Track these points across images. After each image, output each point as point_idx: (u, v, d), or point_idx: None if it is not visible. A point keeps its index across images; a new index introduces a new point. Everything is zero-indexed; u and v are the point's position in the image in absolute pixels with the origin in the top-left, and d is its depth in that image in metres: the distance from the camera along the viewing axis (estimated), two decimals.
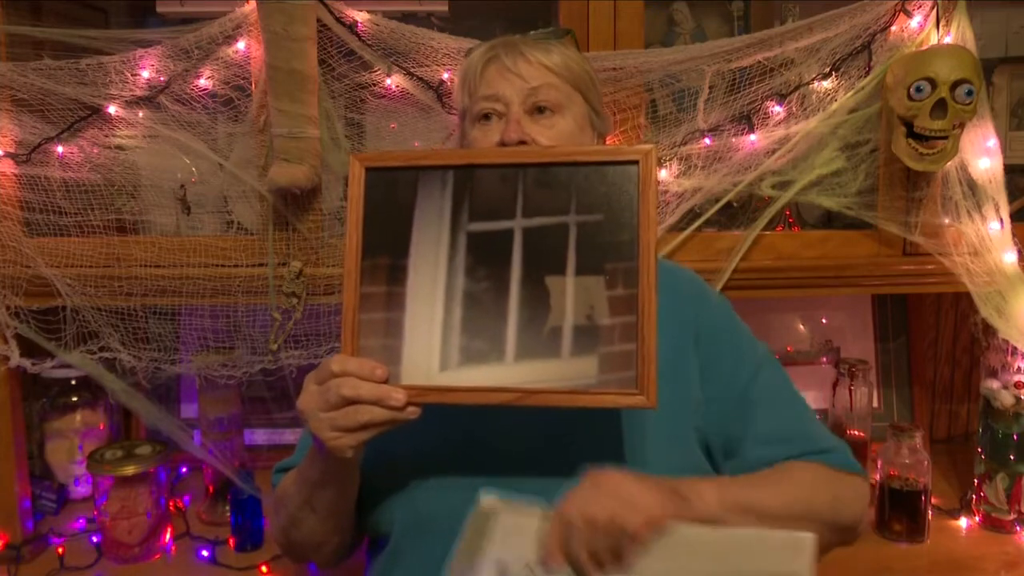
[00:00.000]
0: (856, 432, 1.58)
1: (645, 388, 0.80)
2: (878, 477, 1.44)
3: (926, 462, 1.41)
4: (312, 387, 0.83)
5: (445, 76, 1.30)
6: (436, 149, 1.33)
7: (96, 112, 1.30)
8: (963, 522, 1.46)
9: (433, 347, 0.83)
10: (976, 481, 1.47)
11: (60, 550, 1.38)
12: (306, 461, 0.95)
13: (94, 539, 1.42)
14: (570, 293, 0.82)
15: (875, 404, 1.71)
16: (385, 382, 0.82)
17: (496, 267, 0.84)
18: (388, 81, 1.31)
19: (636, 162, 0.83)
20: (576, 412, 0.92)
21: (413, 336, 0.84)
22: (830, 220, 1.46)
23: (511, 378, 0.82)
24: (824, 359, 1.73)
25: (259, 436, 1.68)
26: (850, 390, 1.57)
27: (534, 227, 0.84)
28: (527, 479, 0.91)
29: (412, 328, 0.84)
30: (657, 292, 0.81)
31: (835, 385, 1.61)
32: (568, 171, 0.84)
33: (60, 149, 1.31)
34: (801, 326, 1.75)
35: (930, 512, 1.42)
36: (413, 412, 0.82)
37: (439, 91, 1.31)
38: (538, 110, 1.00)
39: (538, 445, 0.93)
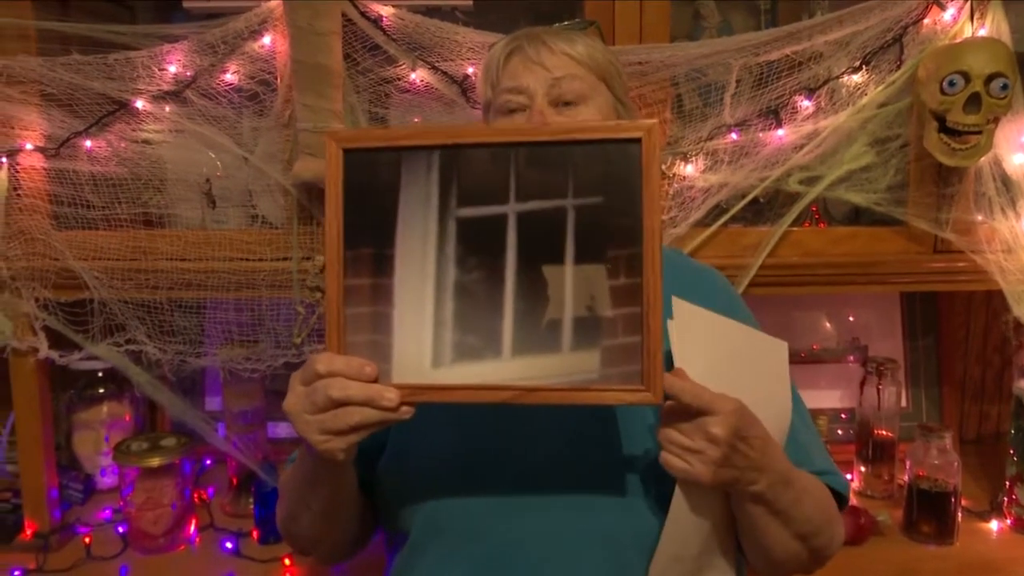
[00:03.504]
0: (884, 432, 1.56)
1: (651, 383, 0.76)
2: (907, 478, 1.42)
3: (956, 463, 1.39)
4: (298, 388, 0.79)
5: (470, 71, 1.30)
6: (420, 126, 1.31)
7: (123, 107, 1.32)
8: (994, 524, 1.44)
9: (424, 343, 0.79)
10: (1007, 483, 1.45)
11: (87, 539, 1.41)
12: (298, 461, 0.94)
13: (120, 529, 1.44)
14: (569, 283, 0.78)
15: (903, 404, 1.69)
16: (375, 381, 0.78)
17: (489, 256, 0.79)
18: (412, 75, 1.32)
19: (638, 140, 0.77)
20: (604, 413, 0.91)
21: (403, 331, 0.80)
22: (858, 216, 1.44)
23: (508, 375, 0.78)
24: (851, 357, 1.72)
25: (282, 429, 1.69)
26: (878, 389, 1.56)
27: (529, 212, 0.78)
28: (548, 483, 0.90)
29: (401, 323, 0.80)
30: (662, 280, 0.77)
31: (863, 384, 1.59)
32: (564, 150, 0.78)
33: (88, 143, 1.33)
34: (828, 324, 1.73)
35: (960, 514, 1.40)
36: (406, 412, 0.78)
37: (463, 85, 1.31)
38: (563, 102, 0.99)
39: (560, 449, 0.92)
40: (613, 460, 0.91)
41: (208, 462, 1.69)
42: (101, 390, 1.58)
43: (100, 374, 1.58)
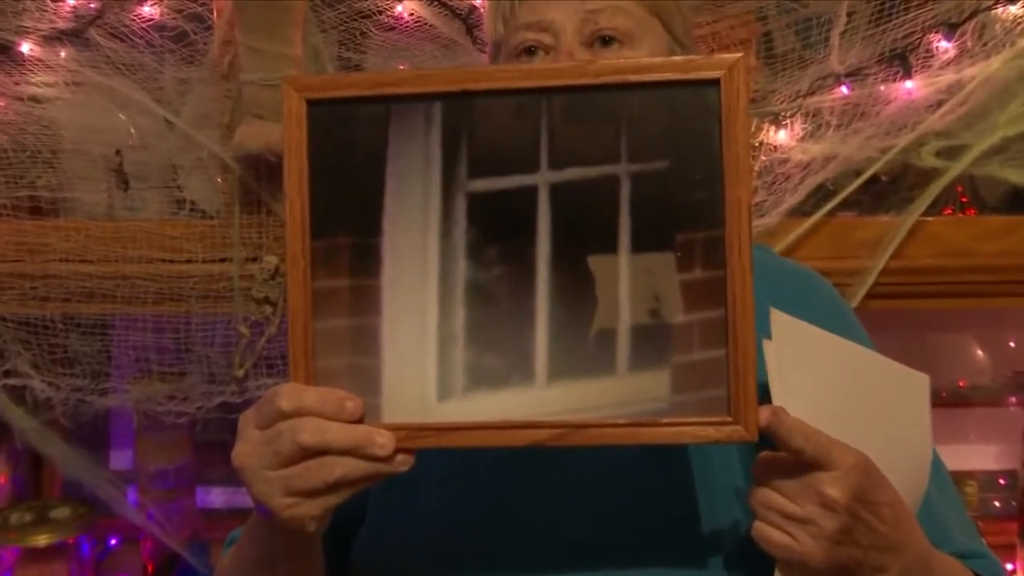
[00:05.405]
0: None
1: (741, 413, 0.75)
2: None
3: None
4: (252, 434, 0.77)
5: (477, 1, 1.33)
6: (415, 70, 1.33)
7: (3, 52, 1.34)
8: None
9: (427, 366, 0.79)
10: None
11: None
12: (246, 536, 0.94)
13: None
14: (625, 279, 0.77)
15: None
16: (360, 421, 0.78)
17: (513, 244, 0.78)
18: (399, 8, 1.34)
19: (716, 82, 0.76)
20: (675, 457, 0.91)
21: (396, 351, 0.79)
22: (1019, 201, 1.45)
23: (544, 407, 0.78)
24: (1012, 399, 1.72)
25: (216, 496, 1.71)
26: None
27: (567, 183, 0.78)
28: (593, 555, 0.90)
29: (394, 339, 0.79)
30: (753, 273, 0.76)
31: None
32: (614, 97, 0.77)
33: None
34: (979, 351, 1.73)
35: None
36: (404, 462, 0.77)
37: (468, 21, 1.33)
38: (601, 41, 1.00)
39: (612, 508, 0.92)
40: (687, 522, 0.91)
41: (114, 541, 1.70)
42: None
43: None
